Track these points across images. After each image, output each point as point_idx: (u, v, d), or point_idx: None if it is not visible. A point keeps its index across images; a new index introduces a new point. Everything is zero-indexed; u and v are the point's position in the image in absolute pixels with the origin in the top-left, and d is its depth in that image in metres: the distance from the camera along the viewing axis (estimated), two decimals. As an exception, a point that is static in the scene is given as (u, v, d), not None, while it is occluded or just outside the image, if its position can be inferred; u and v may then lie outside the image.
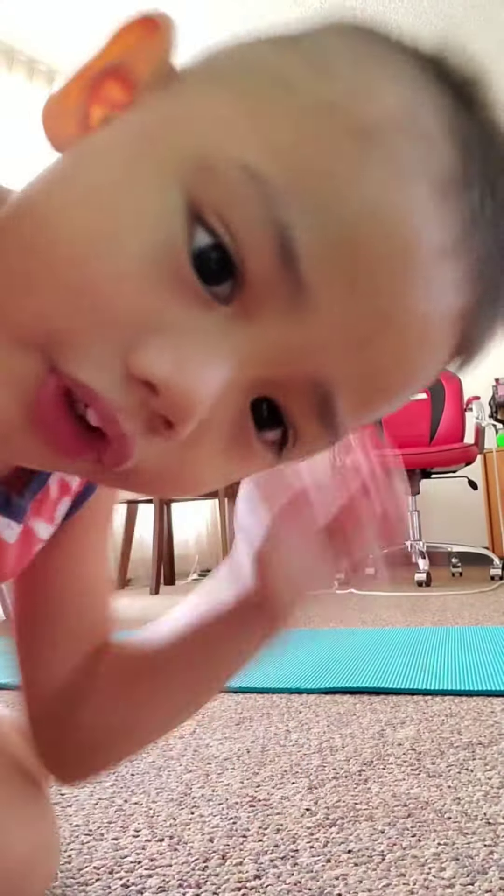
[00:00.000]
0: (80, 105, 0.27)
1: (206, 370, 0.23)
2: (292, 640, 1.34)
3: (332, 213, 0.23)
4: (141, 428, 0.23)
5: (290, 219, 0.22)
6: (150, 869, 0.45)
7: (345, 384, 0.25)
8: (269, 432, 0.26)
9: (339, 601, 2.27)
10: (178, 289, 0.23)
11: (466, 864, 0.44)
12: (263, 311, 0.23)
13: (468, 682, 0.92)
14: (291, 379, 0.24)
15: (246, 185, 0.22)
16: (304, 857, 0.46)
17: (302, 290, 0.23)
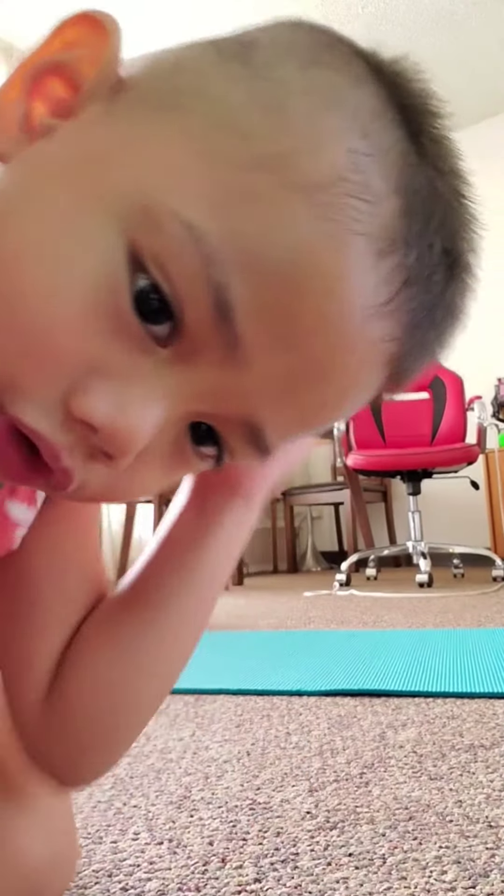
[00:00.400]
0: (22, 101, 0.26)
1: (142, 412, 0.24)
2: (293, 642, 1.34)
3: (267, 273, 0.23)
4: (82, 460, 0.25)
5: (226, 278, 0.23)
6: (150, 872, 0.45)
7: (273, 422, 0.27)
8: (207, 448, 0.28)
9: (339, 602, 2.26)
10: (119, 330, 0.23)
11: (468, 867, 0.44)
12: (199, 357, 0.24)
13: (470, 684, 0.91)
14: (224, 414, 0.26)
15: (185, 242, 0.23)
16: (304, 861, 0.45)
17: (237, 343, 0.24)
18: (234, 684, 0.98)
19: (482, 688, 0.89)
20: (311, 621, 1.79)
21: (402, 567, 3.90)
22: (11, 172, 0.26)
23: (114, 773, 0.65)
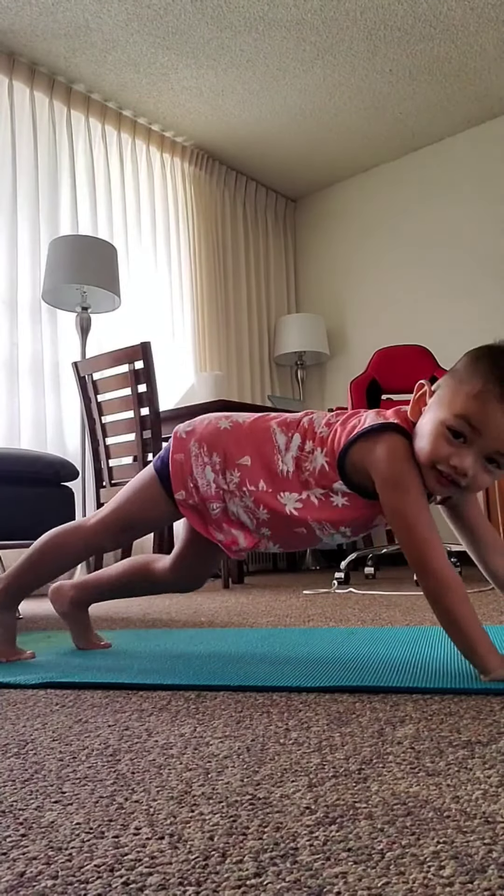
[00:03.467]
0: (418, 406, 1.03)
1: (468, 463, 0.95)
2: (292, 639, 1.33)
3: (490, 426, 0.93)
4: (461, 479, 0.96)
5: (476, 427, 0.94)
6: (151, 867, 0.45)
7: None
8: (493, 464, 0.96)
9: (338, 600, 2.27)
10: (453, 444, 0.95)
11: (465, 862, 0.44)
12: (474, 442, 0.94)
13: (467, 680, 0.92)
14: (493, 453, 0.95)
15: (457, 445, 0.95)
16: (303, 855, 0.46)
17: (482, 435, 0.94)
18: (235, 681, 0.99)
19: (479, 684, 0.90)
20: (311, 619, 1.79)
21: (400, 565, 3.91)
22: (420, 421, 1.01)
23: (115, 769, 0.65)
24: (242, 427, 1.13)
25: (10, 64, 3.57)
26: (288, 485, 1.07)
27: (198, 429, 1.15)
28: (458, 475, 0.95)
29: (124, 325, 3.85)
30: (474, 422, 0.92)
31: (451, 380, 0.98)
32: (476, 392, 0.92)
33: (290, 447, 1.09)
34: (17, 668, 1.18)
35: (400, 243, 4.75)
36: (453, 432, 0.94)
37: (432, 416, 0.97)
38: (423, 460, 0.98)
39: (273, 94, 4.02)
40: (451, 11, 3.42)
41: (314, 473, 1.06)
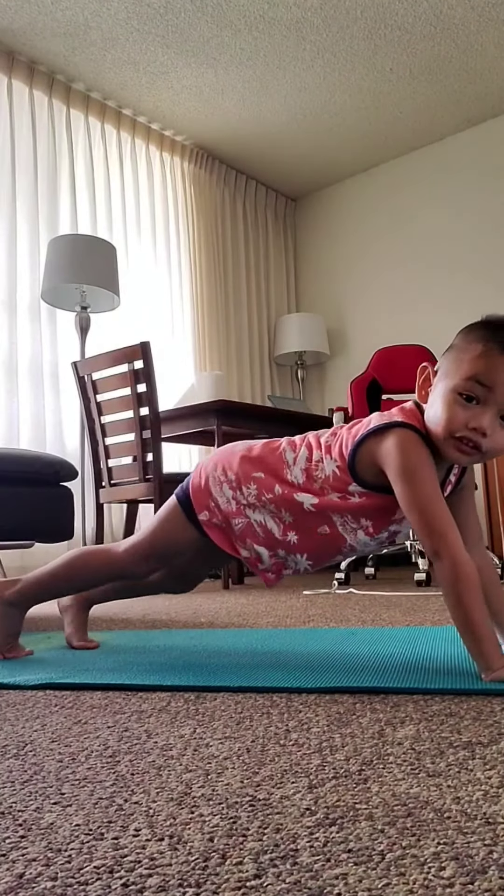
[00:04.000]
0: (424, 389, 1.05)
1: (486, 422, 0.96)
2: (292, 640, 1.33)
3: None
4: (482, 440, 0.97)
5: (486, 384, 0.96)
6: (150, 868, 0.45)
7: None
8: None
9: (338, 600, 2.27)
10: (468, 408, 0.97)
11: (466, 863, 0.44)
12: (489, 401, 0.96)
13: (468, 681, 0.92)
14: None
15: (471, 408, 0.97)
16: (303, 857, 0.46)
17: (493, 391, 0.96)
18: (235, 682, 0.98)
19: (480, 685, 0.89)
20: (311, 619, 1.79)
21: (401, 566, 3.91)
22: (428, 399, 1.04)
23: (115, 770, 0.65)
24: (254, 448, 1.18)
25: (9, 63, 3.57)
26: (302, 489, 1.10)
27: (215, 456, 1.21)
28: (478, 436, 0.96)
29: (124, 325, 3.85)
30: (484, 379, 0.95)
31: (451, 353, 1.01)
32: (479, 353, 0.96)
33: (297, 461, 1.12)
34: (16, 668, 1.18)
35: (400, 243, 4.75)
36: (466, 397, 0.96)
37: (441, 388, 1.00)
38: (440, 432, 0.99)
39: (273, 93, 4.01)
40: (452, 11, 3.42)
41: (328, 480, 1.08)
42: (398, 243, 4.76)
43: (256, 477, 1.13)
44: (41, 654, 1.32)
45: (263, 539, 1.14)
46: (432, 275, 4.56)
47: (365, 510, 1.07)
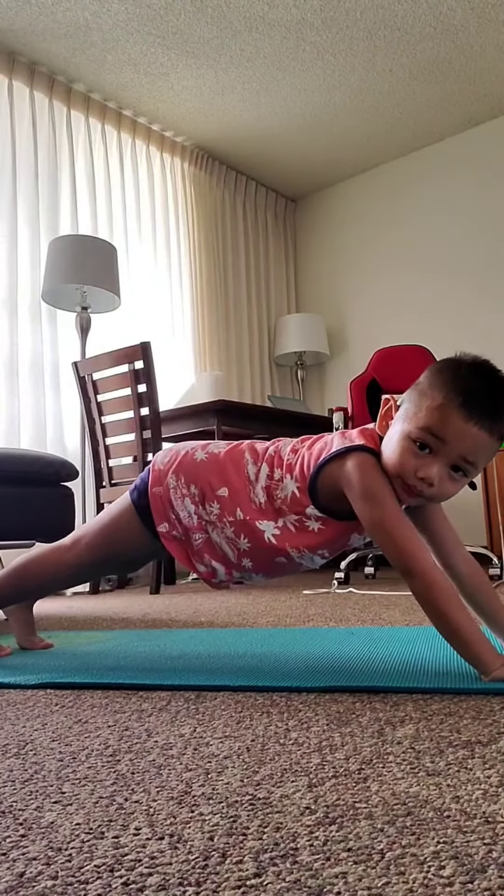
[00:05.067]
0: (385, 421, 1.05)
1: (433, 473, 0.97)
2: (292, 639, 1.33)
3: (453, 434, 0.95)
4: (427, 489, 0.98)
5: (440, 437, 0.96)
6: (151, 867, 0.45)
7: (470, 459, 0.97)
8: (458, 472, 0.98)
9: (338, 600, 2.27)
10: (419, 456, 0.97)
11: (465, 862, 0.44)
12: (440, 452, 0.96)
13: (467, 680, 0.92)
14: (457, 461, 0.97)
15: (422, 457, 0.98)
16: (303, 856, 0.46)
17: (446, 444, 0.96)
18: (235, 681, 0.99)
19: (479, 684, 0.90)
20: (310, 619, 1.79)
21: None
22: (387, 435, 1.03)
23: (115, 769, 0.65)
24: (218, 458, 1.14)
25: (9, 64, 3.57)
26: (263, 514, 1.08)
27: (174, 461, 1.16)
28: (424, 485, 0.97)
29: (124, 325, 3.85)
30: (438, 433, 0.95)
31: (413, 393, 1.01)
32: (437, 404, 0.95)
33: (259, 477, 1.10)
34: (17, 668, 1.18)
35: (400, 243, 4.75)
36: (419, 444, 0.97)
37: (398, 429, 1.00)
38: (391, 472, 1.00)
39: (273, 93, 4.01)
40: (452, 12, 3.42)
41: (286, 501, 1.07)
42: (398, 244, 4.76)
43: (220, 496, 1.10)
44: (41, 654, 1.32)
45: (221, 557, 1.12)
46: (432, 275, 4.56)
47: (323, 540, 1.07)
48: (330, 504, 1.05)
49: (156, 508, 1.14)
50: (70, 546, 1.21)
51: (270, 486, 1.09)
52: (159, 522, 1.14)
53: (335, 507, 1.05)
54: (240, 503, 1.09)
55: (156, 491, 1.14)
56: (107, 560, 1.24)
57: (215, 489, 1.11)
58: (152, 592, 2.91)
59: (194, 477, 1.12)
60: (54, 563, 1.23)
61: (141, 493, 1.16)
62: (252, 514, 1.08)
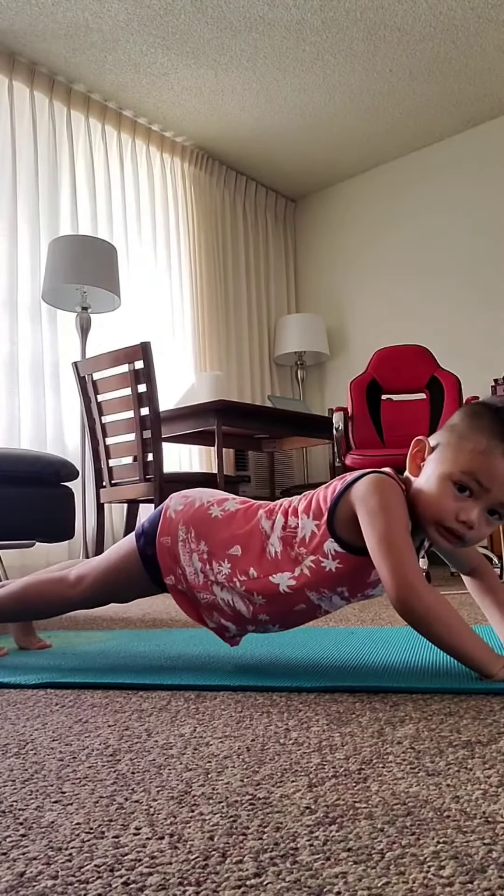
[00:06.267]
0: (416, 462, 1.04)
1: (475, 516, 0.96)
2: (292, 639, 1.33)
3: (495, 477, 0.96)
4: (467, 532, 0.97)
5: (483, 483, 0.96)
6: (151, 867, 0.45)
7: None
8: (494, 516, 0.98)
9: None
10: (459, 499, 0.97)
11: (465, 862, 0.44)
12: (480, 496, 0.96)
13: (467, 680, 0.92)
14: (496, 505, 0.97)
15: (462, 499, 0.98)
16: (303, 855, 0.46)
17: (489, 491, 0.96)
18: (235, 681, 0.99)
19: (480, 685, 0.90)
20: (310, 619, 1.79)
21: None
22: (419, 477, 1.02)
23: (115, 769, 0.65)
24: (234, 515, 1.10)
25: (9, 64, 3.57)
26: (278, 566, 1.04)
27: (188, 511, 1.12)
28: (465, 528, 0.96)
29: (124, 325, 3.85)
30: (481, 477, 0.94)
31: (451, 436, 1.00)
32: (482, 448, 0.95)
33: (274, 528, 1.06)
34: (18, 668, 1.18)
35: (400, 243, 4.75)
36: (459, 487, 0.96)
37: (435, 471, 0.98)
38: (429, 516, 0.98)
39: (273, 94, 4.01)
40: (452, 12, 3.42)
41: (304, 542, 1.03)
42: (397, 244, 4.76)
43: (231, 555, 1.06)
44: (41, 654, 1.32)
45: (231, 616, 1.08)
46: (432, 275, 4.56)
47: (341, 577, 1.02)
48: (348, 537, 1.01)
49: (163, 560, 1.10)
50: (74, 583, 1.19)
51: (286, 535, 1.05)
52: (166, 574, 1.10)
53: (353, 541, 1.00)
54: (252, 562, 1.05)
55: (163, 541, 1.11)
56: (109, 597, 1.23)
57: (227, 548, 1.07)
58: (152, 592, 2.91)
59: (206, 533, 1.09)
60: (57, 596, 1.21)
61: (148, 539, 1.13)
62: (266, 569, 1.04)
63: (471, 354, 4.17)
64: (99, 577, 1.18)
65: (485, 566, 1.13)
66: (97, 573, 1.18)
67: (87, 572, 1.19)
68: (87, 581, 1.19)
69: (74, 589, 1.19)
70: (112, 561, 1.18)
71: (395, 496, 0.98)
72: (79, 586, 1.19)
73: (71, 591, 1.20)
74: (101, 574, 1.18)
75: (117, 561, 1.17)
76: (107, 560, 1.19)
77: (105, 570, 1.18)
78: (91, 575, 1.19)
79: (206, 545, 1.08)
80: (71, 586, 1.20)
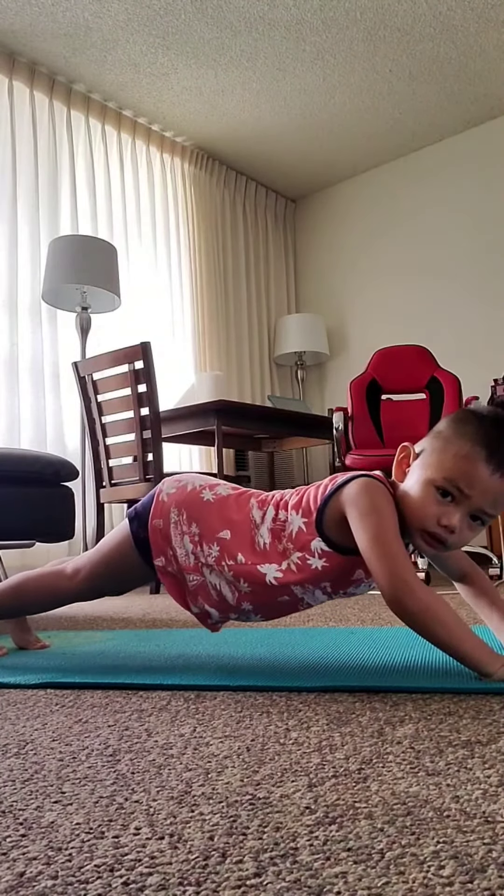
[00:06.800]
0: (401, 468, 1.05)
1: (456, 520, 0.97)
2: (292, 639, 1.33)
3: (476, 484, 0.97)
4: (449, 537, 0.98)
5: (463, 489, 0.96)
6: (151, 867, 0.45)
7: (489, 510, 0.98)
8: (476, 521, 0.99)
9: (338, 600, 2.27)
10: (441, 503, 0.98)
11: (465, 862, 0.44)
12: (462, 502, 0.97)
13: (467, 680, 0.92)
14: (477, 511, 0.98)
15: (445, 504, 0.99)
16: (303, 855, 0.46)
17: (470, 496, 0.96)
18: (235, 681, 0.99)
19: (479, 684, 0.90)
20: (310, 619, 1.79)
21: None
22: (405, 483, 1.03)
23: (115, 769, 0.65)
24: (226, 500, 1.11)
25: (10, 64, 3.57)
26: (266, 557, 1.05)
27: (180, 494, 1.13)
28: (446, 532, 0.97)
29: (124, 325, 3.85)
30: (462, 483, 0.96)
31: (436, 442, 1.01)
32: (464, 454, 0.96)
33: (265, 520, 1.07)
34: (17, 668, 1.18)
35: (400, 243, 4.75)
36: (442, 492, 0.97)
37: (419, 476, 1.00)
38: (412, 520, 1.00)
39: (273, 94, 4.01)
40: (451, 12, 3.42)
41: (291, 537, 1.04)
42: (397, 244, 4.76)
43: (221, 538, 1.07)
44: (41, 654, 1.32)
45: (216, 602, 1.09)
46: (432, 275, 4.56)
47: (326, 575, 1.04)
48: (336, 537, 1.02)
49: (154, 542, 1.11)
50: (71, 576, 1.21)
51: (276, 527, 1.06)
52: (156, 556, 1.11)
53: (340, 541, 1.02)
54: (241, 548, 1.06)
55: (156, 523, 1.12)
56: (106, 586, 1.24)
57: (217, 531, 1.08)
58: (152, 592, 2.91)
59: (197, 516, 1.10)
60: (54, 589, 1.23)
61: (141, 523, 1.14)
62: (254, 558, 1.05)
63: (471, 354, 4.17)
64: (95, 566, 1.19)
65: (475, 571, 1.13)
66: (93, 563, 1.20)
67: (83, 563, 1.21)
68: (84, 571, 1.20)
69: (72, 580, 1.21)
70: (106, 548, 1.19)
71: (384, 499, 0.99)
72: (76, 577, 1.20)
73: (68, 582, 1.21)
74: (96, 563, 1.20)
75: (111, 548, 1.18)
76: (101, 549, 1.21)
77: (100, 559, 1.19)
78: (87, 565, 1.20)
79: (197, 527, 1.09)
80: (68, 578, 1.21)
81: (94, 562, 1.20)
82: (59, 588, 1.22)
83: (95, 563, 1.20)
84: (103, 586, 1.23)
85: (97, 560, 1.20)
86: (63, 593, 1.22)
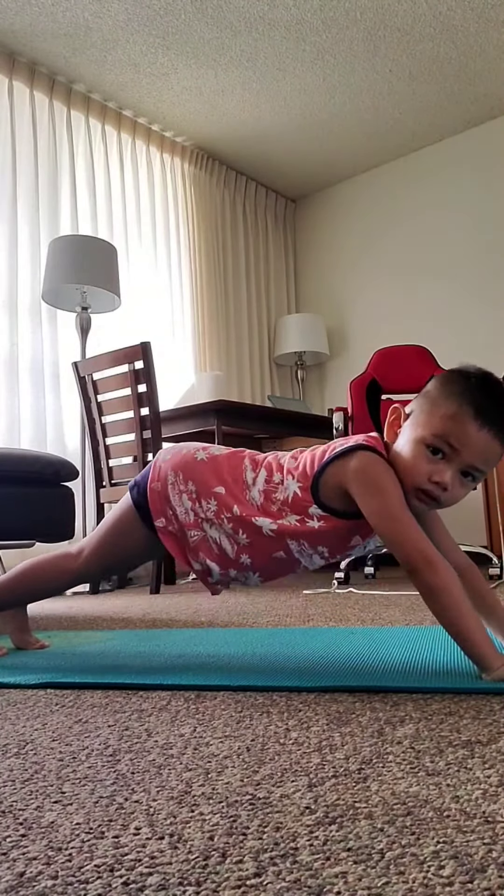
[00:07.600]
0: (393, 429, 1.07)
1: (448, 477, 0.99)
2: (292, 639, 1.33)
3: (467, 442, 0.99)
4: (441, 494, 1.01)
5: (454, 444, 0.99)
6: (151, 867, 0.45)
7: (480, 466, 1.00)
8: (468, 478, 1.01)
9: (338, 600, 2.27)
10: (432, 461, 1.00)
11: (465, 862, 0.44)
12: (453, 459, 0.99)
13: (467, 680, 0.92)
14: (468, 467, 1.00)
15: (436, 462, 1.01)
16: (303, 855, 0.46)
17: (460, 453, 0.99)
18: (235, 681, 0.99)
19: (479, 684, 0.90)
20: (311, 619, 1.79)
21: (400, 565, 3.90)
22: (397, 443, 1.05)
23: (115, 769, 0.65)
24: (217, 459, 1.16)
25: (10, 64, 3.57)
26: (260, 512, 1.09)
27: (175, 458, 1.17)
28: (438, 489, 1.00)
29: (124, 325, 3.85)
30: (452, 440, 0.98)
31: (424, 402, 1.04)
32: (452, 412, 0.99)
33: (256, 481, 1.11)
34: (16, 668, 1.18)
35: (400, 243, 4.75)
36: (432, 450, 1.00)
37: (410, 436, 1.03)
38: (404, 479, 1.02)
39: (273, 94, 4.01)
40: (452, 12, 3.42)
41: (287, 501, 1.08)
42: (398, 244, 4.76)
43: (217, 493, 1.11)
44: (41, 654, 1.32)
45: (217, 556, 1.12)
46: (432, 275, 4.56)
47: (323, 536, 1.08)
48: (332, 503, 1.06)
49: (153, 503, 1.15)
50: (76, 555, 1.24)
51: (268, 489, 1.10)
52: (157, 517, 1.15)
53: (337, 507, 1.06)
54: (236, 501, 1.11)
55: (154, 486, 1.16)
56: (111, 563, 1.26)
57: (212, 487, 1.12)
58: (152, 592, 2.91)
59: (192, 474, 1.14)
60: (61, 570, 1.26)
61: (141, 490, 1.18)
62: (249, 511, 1.10)
63: (471, 354, 4.16)
64: (100, 540, 1.22)
65: (472, 570, 1.14)
66: (97, 537, 1.23)
67: (87, 542, 1.24)
68: (89, 547, 1.23)
69: (77, 560, 1.24)
70: (110, 521, 1.22)
71: (387, 473, 1.03)
72: (80, 556, 1.24)
73: (74, 562, 1.24)
74: (101, 537, 1.23)
75: (114, 521, 1.21)
76: (105, 523, 1.24)
77: (104, 532, 1.22)
78: (91, 541, 1.24)
79: (193, 485, 1.13)
80: (74, 558, 1.24)
81: (98, 536, 1.23)
82: (65, 568, 1.25)
83: (100, 537, 1.23)
84: (109, 562, 1.25)
85: (101, 534, 1.23)
86: (70, 572, 1.25)
